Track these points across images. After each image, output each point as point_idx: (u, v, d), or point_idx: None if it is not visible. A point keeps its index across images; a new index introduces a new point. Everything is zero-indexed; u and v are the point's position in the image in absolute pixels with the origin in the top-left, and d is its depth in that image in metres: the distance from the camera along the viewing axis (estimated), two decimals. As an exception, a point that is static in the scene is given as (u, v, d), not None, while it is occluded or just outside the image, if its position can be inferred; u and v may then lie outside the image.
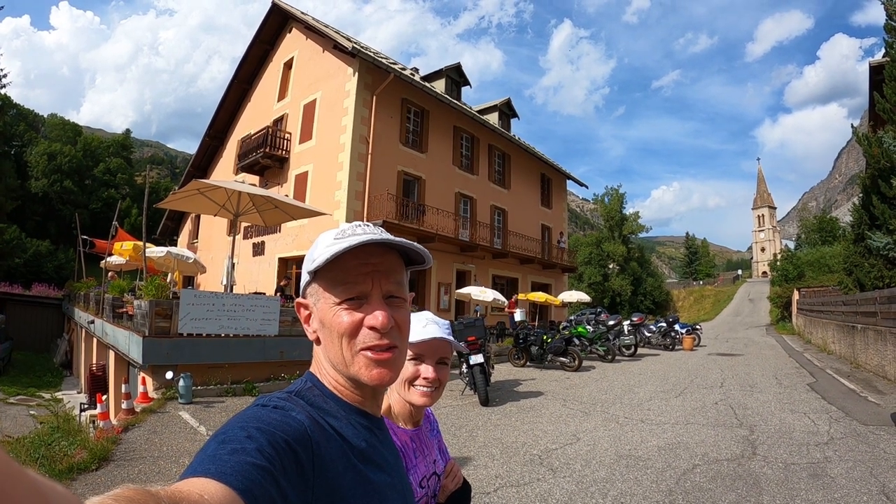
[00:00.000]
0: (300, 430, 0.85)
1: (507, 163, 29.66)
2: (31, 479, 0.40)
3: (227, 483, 0.68)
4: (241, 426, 0.82)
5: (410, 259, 1.10)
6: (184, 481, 0.68)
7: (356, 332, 0.99)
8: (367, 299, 1.00)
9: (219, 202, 12.05)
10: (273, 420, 0.84)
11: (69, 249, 53.40)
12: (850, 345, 16.69)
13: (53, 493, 0.42)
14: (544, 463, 6.69)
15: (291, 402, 0.93)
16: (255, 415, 0.86)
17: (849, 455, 6.78)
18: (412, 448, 1.55)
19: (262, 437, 0.79)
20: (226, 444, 0.76)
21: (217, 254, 26.03)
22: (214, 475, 0.69)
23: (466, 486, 1.73)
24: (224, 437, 0.79)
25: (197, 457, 0.76)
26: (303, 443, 0.83)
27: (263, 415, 0.86)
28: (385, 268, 1.03)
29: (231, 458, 0.73)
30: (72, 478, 5.94)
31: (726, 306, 65.66)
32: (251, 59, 27.90)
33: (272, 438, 0.79)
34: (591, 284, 58.19)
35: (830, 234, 54.05)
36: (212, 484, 0.67)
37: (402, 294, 1.06)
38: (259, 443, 0.77)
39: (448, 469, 1.69)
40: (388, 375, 1.01)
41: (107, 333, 14.54)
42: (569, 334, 16.56)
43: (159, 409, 9.20)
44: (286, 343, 12.09)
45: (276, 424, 0.83)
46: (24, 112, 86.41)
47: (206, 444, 0.79)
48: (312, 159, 22.33)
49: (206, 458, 0.74)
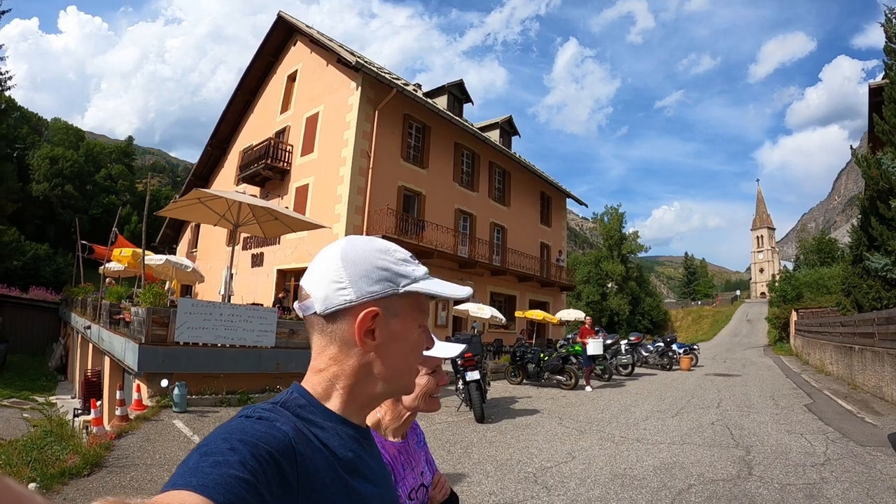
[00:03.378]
0: (284, 442, 0.84)
1: (508, 180, 29.73)
2: (15, 490, 0.41)
3: (208, 496, 0.67)
4: (224, 438, 0.80)
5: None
6: (164, 494, 0.67)
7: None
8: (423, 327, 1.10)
9: (219, 212, 12.06)
10: (257, 431, 0.83)
11: (68, 254, 53.33)
12: (848, 366, 16.65)
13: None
14: (539, 481, 6.66)
15: (276, 413, 0.92)
16: (239, 426, 0.85)
17: (845, 476, 6.75)
18: (400, 461, 1.56)
19: (246, 449, 0.78)
20: (208, 457, 0.75)
21: (216, 264, 26.03)
22: (196, 488, 0.68)
23: (454, 497, 1.74)
24: (206, 450, 0.78)
25: (179, 469, 0.75)
26: (287, 454, 0.82)
27: (247, 426, 0.85)
28: None
29: (213, 471, 0.72)
30: (63, 482, 5.92)
31: (724, 327, 65.58)
32: (255, 71, 28.05)
33: (256, 450, 0.78)
34: (589, 303, 58.23)
35: (829, 255, 54.15)
36: (192, 497, 0.66)
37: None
38: (242, 455, 0.76)
39: (435, 481, 1.71)
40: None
41: (103, 339, 14.50)
42: (566, 353, 16.53)
43: (153, 417, 9.16)
44: (283, 355, 12.05)
45: (260, 436, 0.82)
46: (27, 115, 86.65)
47: (188, 456, 0.78)
48: (313, 172, 22.38)
49: (187, 470, 0.73)
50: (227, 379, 11.16)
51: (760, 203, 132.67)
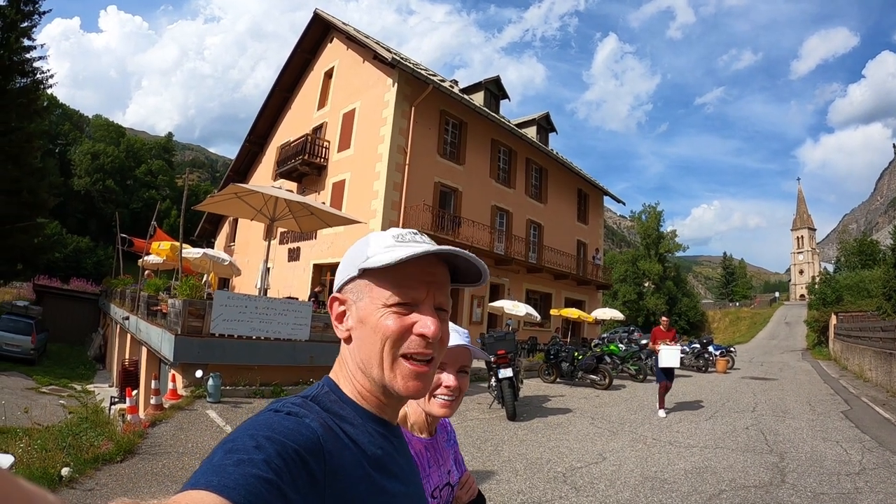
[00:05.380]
0: (312, 439, 0.83)
1: (545, 177, 29.57)
2: (27, 490, 0.41)
3: (227, 497, 0.66)
4: (250, 434, 0.80)
5: (454, 276, 1.08)
6: (182, 494, 0.66)
7: (403, 337, 0.97)
8: (417, 307, 0.99)
9: (256, 207, 12.18)
10: (285, 428, 0.82)
11: (108, 247, 54.69)
12: (888, 372, 16.25)
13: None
14: (568, 481, 6.61)
15: (306, 408, 0.91)
16: (267, 421, 0.84)
17: (880, 486, 6.59)
18: (426, 457, 1.52)
19: (272, 446, 0.77)
20: (232, 454, 0.75)
21: (253, 258, 26.33)
22: (216, 488, 0.67)
23: (481, 498, 1.71)
24: (232, 446, 0.77)
25: (203, 465, 0.74)
26: (314, 452, 0.82)
27: (276, 422, 0.84)
28: (440, 279, 1.02)
29: (236, 470, 0.71)
30: (96, 468, 6.05)
31: (762, 329, 64.49)
32: (293, 68, 28.36)
33: (282, 448, 0.77)
34: (625, 302, 57.56)
35: (870, 257, 52.73)
36: (211, 497, 0.66)
37: (448, 308, 1.05)
38: (267, 453, 0.75)
39: (463, 480, 1.67)
40: (423, 388, 0.99)
41: (140, 330, 14.78)
42: (600, 352, 16.39)
43: (187, 407, 9.32)
44: (316, 348, 12.14)
45: (288, 433, 0.81)
46: (69, 112, 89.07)
47: (213, 451, 0.77)
48: (350, 168, 22.52)
49: (210, 468, 0.72)
50: (261, 371, 11.30)
51: (801, 203, 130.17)
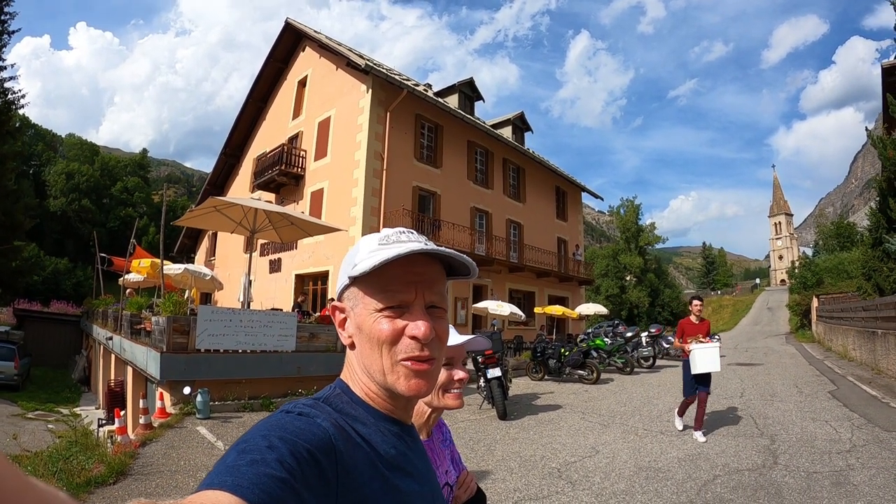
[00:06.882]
0: (324, 439, 0.84)
1: (522, 176, 29.65)
2: (39, 489, 0.41)
3: (242, 496, 0.67)
4: (263, 435, 0.81)
5: (451, 269, 1.09)
6: (197, 494, 0.68)
7: (396, 340, 0.97)
8: (408, 308, 0.99)
9: (235, 219, 12.14)
10: (296, 428, 0.83)
11: (87, 267, 54.14)
12: (871, 350, 16.48)
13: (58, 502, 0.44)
14: (563, 476, 6.65)
15: (318, 409, 0.92)
16: (279, 422, 0.85)
17: (872, 462, 6.70)
18: None
19: (284, 446, 0.78)
20: (245, 454, 0.76)
21: (234, 271, 26.15)
22: (230, 488, 0.68)
23: (480, 495, 1.71)
24: (245, 447, 0.78)
25: (216, 466, 0.75)
26: (326, 451, 0.82)
27: (287, 422, 0.85)
28: (429, 277, 1.02)
29: (250, 470, 0.72)
30: (89, 491, 5.99)
31: (745, 316, 65.07)
32: (266, 78, 28.19)
33: (294, 448, 0.78)
34: (608, 297, 57.74)
35: (848, 239, 53.49)
36: (226, 497, 0.67)
37: (443, 305, 1.05)
38: (280, 453, 0.76)
39: (461, 480, 1.67)
40: (426, 387, 1.00)
41: (125, 349, 14.63)
42: (586, 347, 16.45)
43: (177, 425, 9.24)
44: (303, 358, 12.12)
45: (299, 433, 0.82)
46: (41, 132, 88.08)
47: (227, 453, 0.78)
48: (328, 176, 22.44)
49: (224, 468, 0.73)
50: (249, 384, 11.24)
51: (777, 189, 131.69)
